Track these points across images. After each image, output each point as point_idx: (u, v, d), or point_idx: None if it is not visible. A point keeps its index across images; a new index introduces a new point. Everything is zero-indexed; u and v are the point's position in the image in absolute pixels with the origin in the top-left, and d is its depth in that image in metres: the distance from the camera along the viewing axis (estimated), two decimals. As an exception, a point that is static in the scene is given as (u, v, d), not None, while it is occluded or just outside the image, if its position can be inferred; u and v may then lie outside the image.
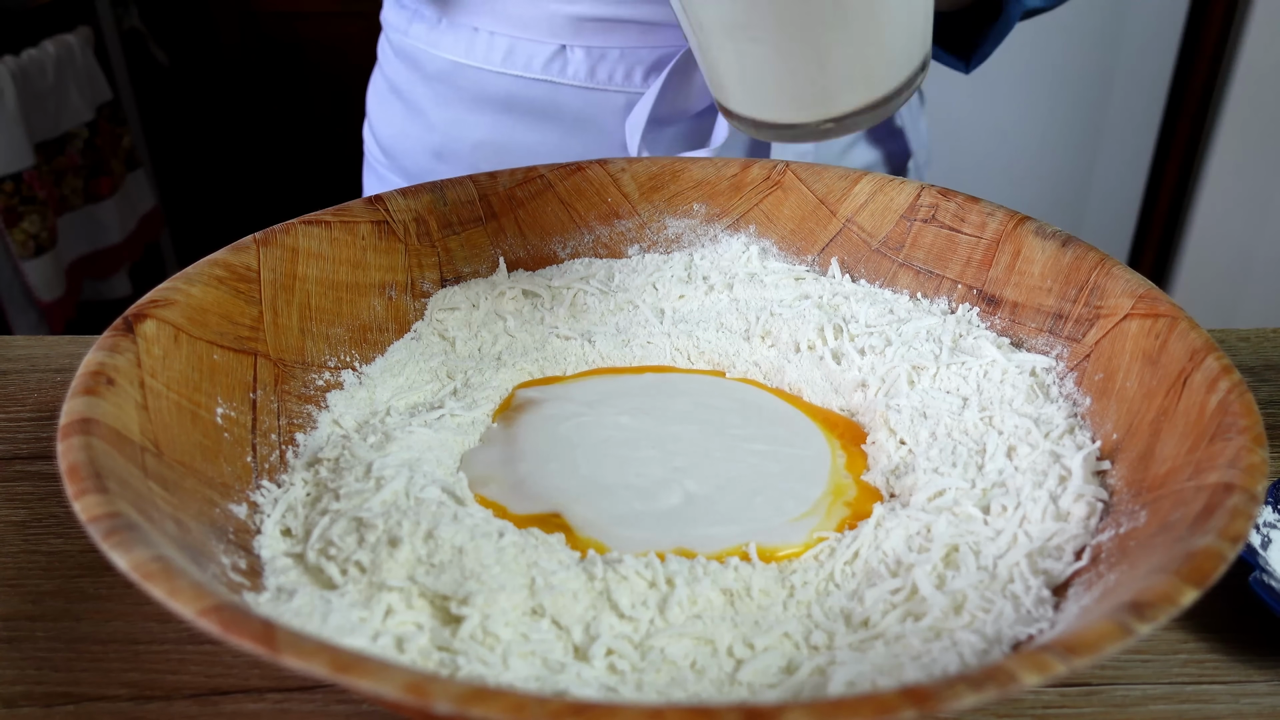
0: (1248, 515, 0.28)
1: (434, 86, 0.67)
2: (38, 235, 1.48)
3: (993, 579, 0.34)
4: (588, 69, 0.63)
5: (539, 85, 0.64)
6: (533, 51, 0.63)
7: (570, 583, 0.33)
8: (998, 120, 1.64)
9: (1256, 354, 0.56)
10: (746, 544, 0.37)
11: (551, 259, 0.55)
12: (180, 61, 1.90)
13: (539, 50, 0.63)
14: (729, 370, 0.50)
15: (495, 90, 0.65)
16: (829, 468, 0.42)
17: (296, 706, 0.35)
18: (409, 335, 0.50)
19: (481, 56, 0.64)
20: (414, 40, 0.67)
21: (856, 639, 0.33)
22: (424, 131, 0.69)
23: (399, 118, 0.71)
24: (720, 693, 0.31)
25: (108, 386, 0.33)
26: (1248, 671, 0.36)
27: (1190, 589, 0.26)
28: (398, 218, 0.50)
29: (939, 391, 0.45)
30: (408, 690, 0.22)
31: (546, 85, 0.64)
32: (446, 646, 0.31)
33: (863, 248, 0.54)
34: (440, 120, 0.68)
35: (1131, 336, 0.41)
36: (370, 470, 0.39)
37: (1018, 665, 0.24)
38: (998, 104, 1.61)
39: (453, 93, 0.66)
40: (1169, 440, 0.35)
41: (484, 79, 0.65)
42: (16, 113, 1.42)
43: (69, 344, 0.57)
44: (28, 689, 0.35)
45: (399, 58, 0.69)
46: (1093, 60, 1.60)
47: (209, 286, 0.41)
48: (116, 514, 0.28)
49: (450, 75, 0.66)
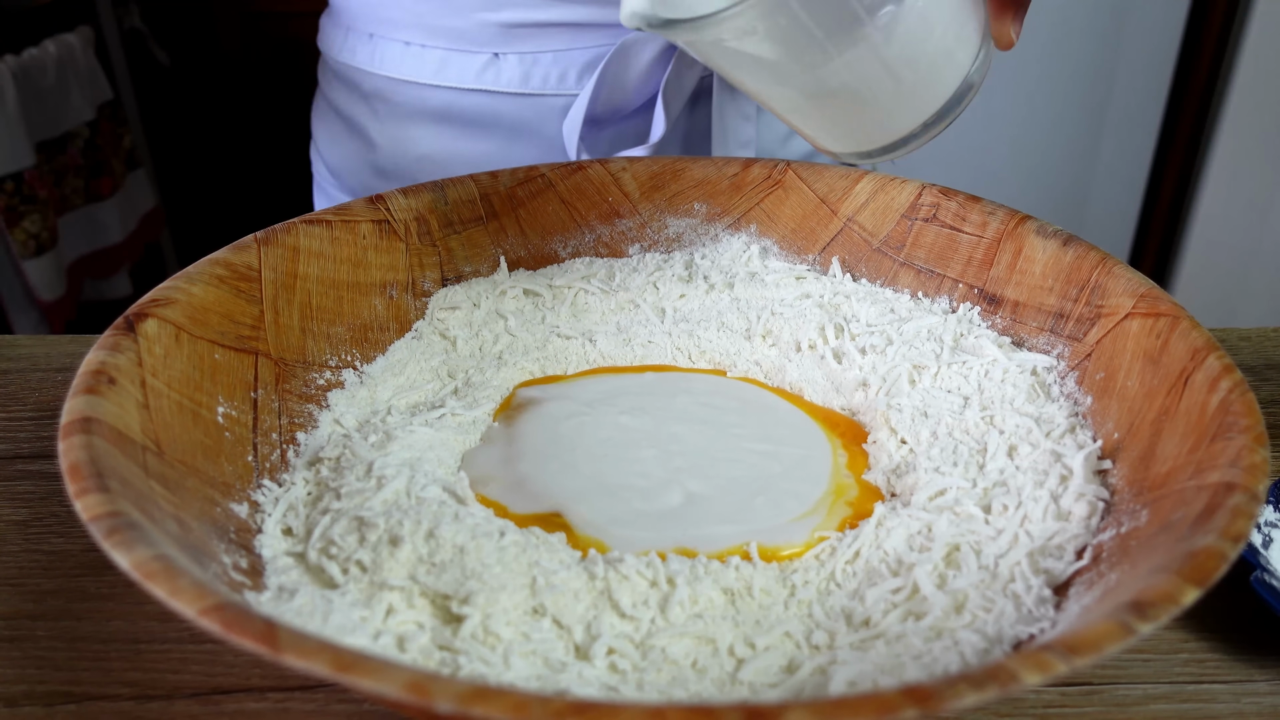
0: (1249, 515, 0.28)
1: (372, 104, 0.67)
2: (38, 235, 1.48)
3: (994, 578, 0.34)
4: (521, 75, 0.63)
5: (474, 95, 0.64)
6: (465, 62, 0.63)
7: (571, 582, 0.33)
8: (999, 120, 1.64)
9: (1258, 353, 0.56)
10: (748, 543, 0.37)
11: (552, 258, 0.55)
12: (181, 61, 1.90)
13: (471, 61, 0.63)
14: (730, 369, 0.50)
15: (432, 103, 0.65)
16: (830, 467, 0.42)
17: (298, 706, 0.35)
18: (410, 334, 0.50)
19: (414, 71, 0.64)
20: (348, 59, 0.67)
21: (858, 638, 0.33)
22: (366, 150, 0.69)
23: (342, 137, 0.71)
24: (721, 692, 0.31)
25: (109, 386, 0.33)
26: (1249, 671, 0.36)
27: (1191, 588, 0.26)
28: (399, 217, 0.50)
29: (940, 391, 0.45)
30: (409, 689, 0.22)
31: (482, 95, 0.64)
32: (448, 646, 0.31)
33: (864, 247, 0.54)
34: (381, 137, 0.68)
35: (1133, 336, 0.41)
36: (371, 469, 0.39)
37: (1019, 664, 0.24)
38: (999, 103, 1.61)
39: (390, 109, 0.67)
40: (1170, 439, 0.35)
41: (420, 93, 0.65)
42: (17, 112, 1.42)
43: (70, 343, 0.57)
44: (29, 688, 0.35)
45: (338, 79, 0.70)
46: (1093, 60, 1.60)
47: (210, 286, 0.41)
48: (118, 513, 0.28)
49: (386, 92, 0.66)
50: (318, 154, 0.75)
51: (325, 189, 0.76)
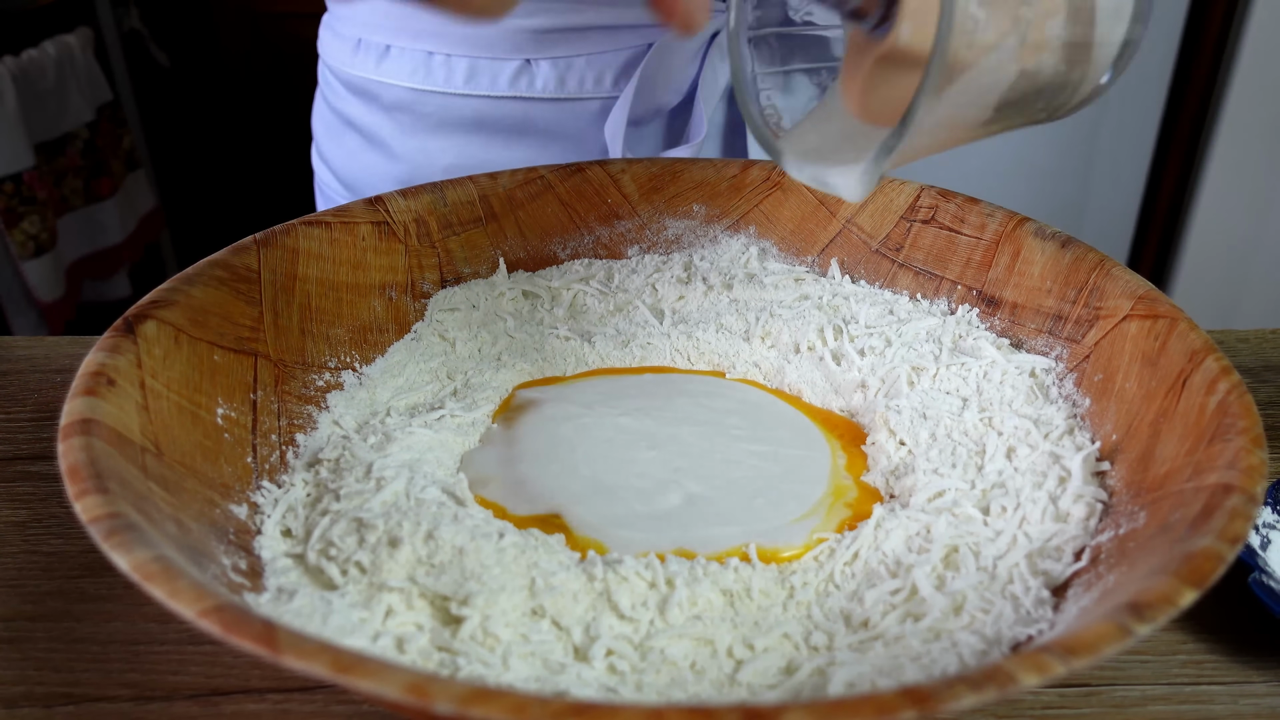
0: (1247, 516, 0.28)
1: (394, 116, 0.65)
2: (38, 236, 1.48)
3: (992, 580, 0.35)
4: (556, 80, 0.61)
5: (507, 103, 0.62)
6: (496, 69, 0.61)
7: (570, 583, 0.33)
8: (998, 121, 1.63)
9: (1256, 355, 0.56)
10: (746, 545, 0.37)
11: (551, 260, 0.55)
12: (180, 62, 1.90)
13: (503, 68, 0.61)
14: (729, 371, 0.50)
15: (461, 112, 0.63)
16: (829, 468, 0.42)
17: (297, 707, 0.35)
18: (409, 336, 0.50)
19: (442, 80, 0.62)
20: (362, 72, 0.65)
21: (856, 640, 0.33)
22: (387, 162, 0.67)
23: (358, 149, 0.68)
24: (720, 693, 0.31)
25: (108, 387, 0.34)
26: (1246, 672, 0.36)
27: (1189, 590, 0.26)
28: (398, 219, 0.50)
29: (939, 392, 0.45)
30: (408, 691, 0.22)
31: (515, 102, 0.62)
32: (447, 647, 0.31)
33: (862, 249, 0.54)
34: (405, 149, 0.65)
35: (1131, 337, 0.41)
36: (370, 471, 0.39)
37: (1017, 666, 0.24)
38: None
39: (415, 120, 0.64)
40: (1168, 441, 0.35)
41: (448, 103, 0.63)
42: (16, 113, 1.42)
43: (69, 345, 0.57)
44: (28, 689, 0.35)
45: (350, 90, 0.67)
46: (1093, 61, 1.60)
47: (209, 287, 0.41)
48: (117, 514, 0.28)
49: (410, 103, 0.64)
50: (324, 162, 0.73)
51: (332, 197, 0.74)
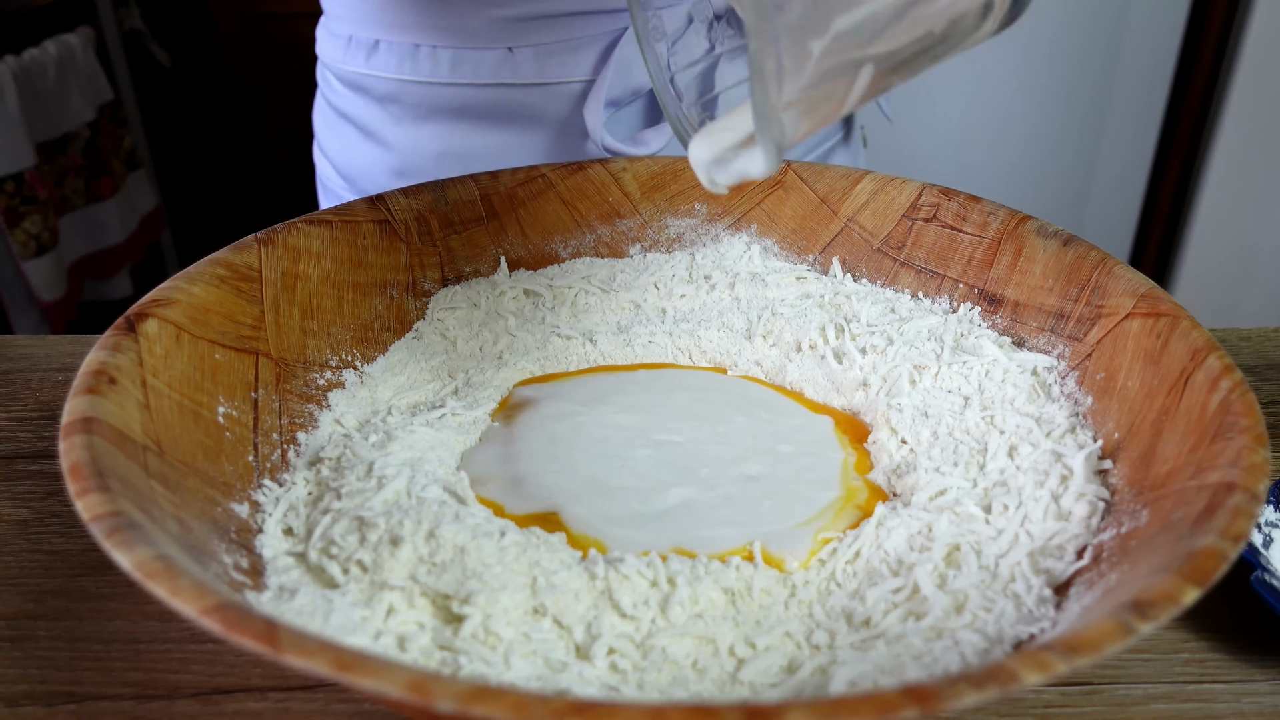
0: (1249, 514, 0.28)
1: (386, 107, 0.67)
2: (39, 235, 1.48)
3: (994, 578, 0.34)
4: (537, 66, 0.63)
5: (491, 90, 0.64)
6: (480, 58, 0.63)
7: (572, 582, 0.33)
8: (999, 119, 1.63)
9: (1258, 353, 0.56)
10: (750, 543, 0.37)
11: (553, 258, 0.55)
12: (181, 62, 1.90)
13: (485, 56, 0.63)
14: (731, 369, 0.50)
15: (447, 100, 0.65)
16: (841, 470, 0.42)
17: (298, 705, 0.35)
18: (410, 334, 0.50)
19: (428, 71, 0.64)
20: (353, 67, 0.67)
21: (858, 638, 0.33)
22: (382, 153, 0.69)
23: (354, 141, 0.71)
24: (722, 692, 0.31)
25: (110, 386, 0.33)
26: (1249, 671, 0.36)
27: (1192, 588, 0.26)
28: (399, 217, 0.50)
29: (940, 391, 0.45)
30: (410, 689, 0.22)
31: (499, 88, 0.64)
32: (448, 645, 0.31)
33: (864, 247, 0.54)
34: (397, 139, 0.68)
35: (1133, 336, 0.40)
36: (372, 469, 0.39)
37: (1019, 664, 0.24)
38: (999, 103, 1.61)
39: (405, 110, 0.67)
40: (1170, 439, 0.35)
41: (434, 91, 0.65)
42: (18, 113, 1.42)
43: (70, 343, 0.57)
44: (30, 688, 0.35)
45: (344, 85, 0.69)
46: (1093, 60, 1.60)
47: (210, 286, 0.41)
48: (118, 513, 0.28)
49: (399, 94, 0.66)
50: (325, 157, 0.75)
51: (334, 190, 0.76)
